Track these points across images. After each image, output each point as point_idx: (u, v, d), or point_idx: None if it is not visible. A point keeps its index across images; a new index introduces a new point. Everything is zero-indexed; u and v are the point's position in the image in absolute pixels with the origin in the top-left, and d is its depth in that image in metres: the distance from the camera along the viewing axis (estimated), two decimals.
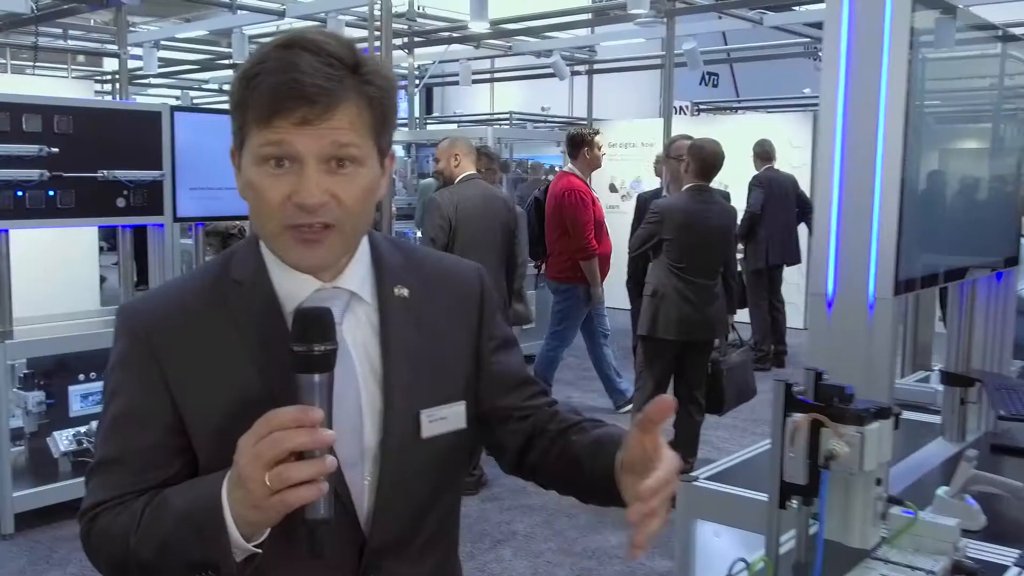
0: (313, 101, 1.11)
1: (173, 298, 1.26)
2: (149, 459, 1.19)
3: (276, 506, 1.04)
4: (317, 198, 1.12)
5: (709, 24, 10.28)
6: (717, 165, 4.88)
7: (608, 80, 14.49)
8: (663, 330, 4.99)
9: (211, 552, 1.09)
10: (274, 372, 1.16)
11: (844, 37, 1.92)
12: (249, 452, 1.04)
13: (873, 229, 1.93)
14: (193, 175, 5.17)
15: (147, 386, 1.19)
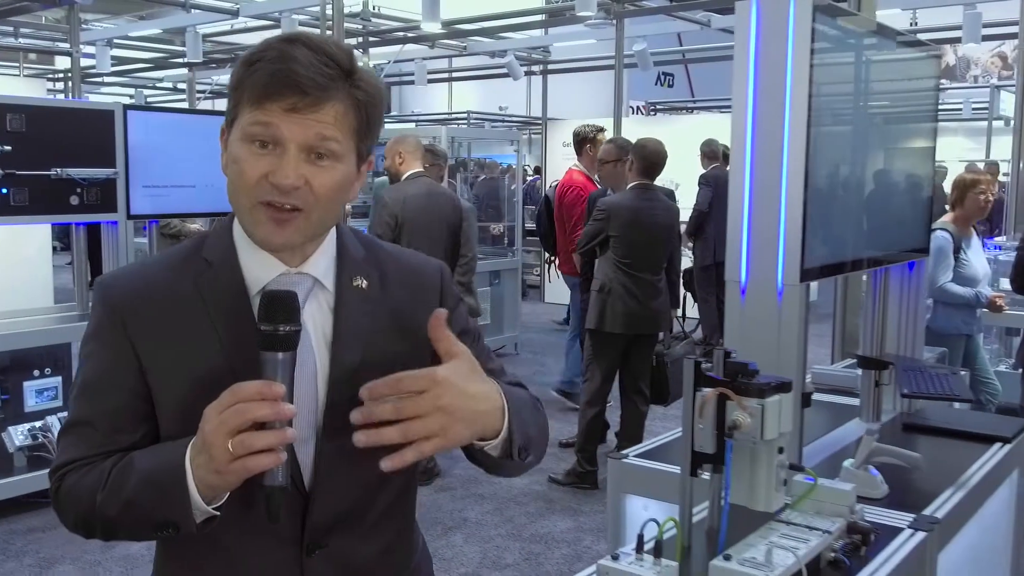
0: (304, 92, 1.18)
1: (146, 273, 1.33)
2: (116, 423, 1.26)
3: (237, 471, 1.11)
4: (292, 180, 1.20)
5: (661, 26, 10.49)
6: (660, 163, 5.04)
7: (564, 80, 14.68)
8: (610, 324, 5.14)
9: (172, 512, 1.17)
10: (236, 349, 1.24)
11: (752, 43, 2.08)
12: (214, 420, 1.11)
13: (780, 222, 2.09)
14: (146, 173, 5.22)
15: (117, 353, 1.26)
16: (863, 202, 2.52)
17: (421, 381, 1.17)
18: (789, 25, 2.03)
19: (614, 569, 1.65)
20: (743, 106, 2.11)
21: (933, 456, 2.57)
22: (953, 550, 2.25)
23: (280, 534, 1.29)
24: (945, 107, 18.28)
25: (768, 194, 2.10)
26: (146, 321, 1.27)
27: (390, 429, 1.15)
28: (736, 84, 2.12)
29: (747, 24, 2.08)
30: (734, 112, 2.13)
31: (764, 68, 2.08)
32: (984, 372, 5.07)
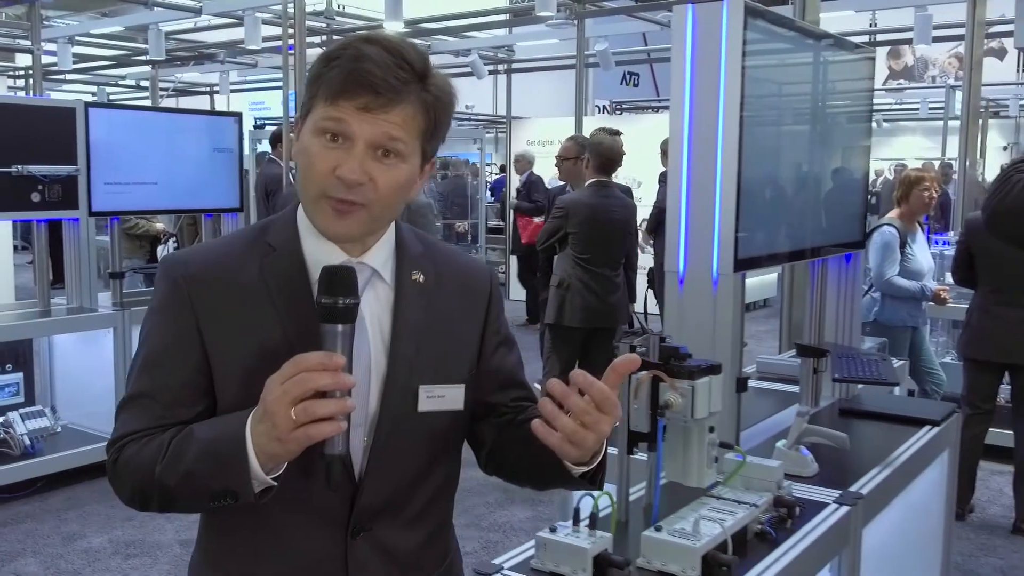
0: (377, 92, 1.22)
1: (212, 254, 1.36)
2: (177, 396, 1.29)
3: (299, 438, 1.14)
4: (357, 176, 1.23)
5: (625, 26, 10.62)
6: (617, 160, 5.16)
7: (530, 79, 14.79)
8: (569, 318, 5.25)
9: (232, 480, 1.19)
10: (295, 330, 1.28)
11: (688, 46, 2.20)
12: (277, 390, 1.14)
13: (715, 215, 2.21)
14: (108, 170, 5.25)
15: (181, 329, 1.30)
16: (798, 197, 2.64)
17: (610, 393, 1.21)
18: (722, 29, 2.15)
19: (551, 540, 1.75)
20: (680, 106, 2.22)
21: (864, 438, 2.71)
22: (879, 526, 2.38)
23: (328, 514, 1.33)
24: (903, 107, 18.65)
25: (703, 189, 2.22)
26: (211, 299, 1.30)
27: (567, 420, 1.18)
28: (674, 85, 2.23)
29: (683, 28, 2.20)
30: (672, 112, 2.24)
31: (700, 70, 2.20)
32: (929, 363, 5.24)
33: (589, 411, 1.20)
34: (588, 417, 1.20)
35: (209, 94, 16.22)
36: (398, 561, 1.38)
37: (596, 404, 1.20)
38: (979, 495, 4.84)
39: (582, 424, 1.20)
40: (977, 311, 4.52)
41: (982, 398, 4.59)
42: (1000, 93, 15.96)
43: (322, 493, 1.28)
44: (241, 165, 6.19)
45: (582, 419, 1.20)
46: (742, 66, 2.15)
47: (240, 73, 13.88)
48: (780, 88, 2.51)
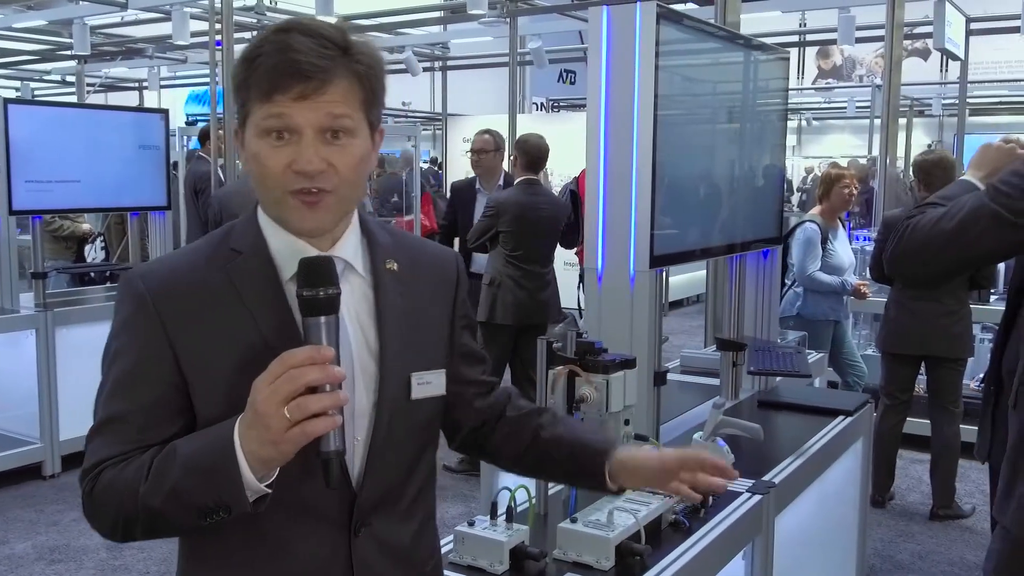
0: (308, 77, 1.20)
1: (175, 265, 1.32)
2: (153, 416, 1.24)
3: (295, 438, 1.11)
4: (316, 165, 1.21)
5: (561, 24, 10.67)
6: (543, 157, 5.22)
7: (466, 76, 14.78)
8: (501, 316, 5.28)
9: (224, 493, 1.15)
10: (274, 332, 1.25)
11: (604, 48, 2.24)
12: (266, 390, 1.11)
13: (631, 214, 2.26)
14: (29, 168, 5.14)
15: (152, 346, 1.25)
16: (715, 194, 2.71)
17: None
18: (636, 30, 2.19)
19: (469, 534, 1.78)
20: (596, 107, 2.27)
21: (780, 429, 2.79)
22: (794, 514, 2.46)
23: (328, 515, 1.30)
24: (832, 105, 19.08)
25: (620, 188, 2.26)
26: (180, 311, 1.26)
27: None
28: (590, 86, 2.27)
29: (599, 30, 2.24)
30: (588, 113, 2.28)
31: (615, 70, 2.24)
32: (851, 356, 5.39)
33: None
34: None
35: (138, 90, 15.88)
36: (397, 555, 1.37)
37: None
38: (898, 483, 5.00)
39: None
40: (894, 306, 4.67)
41: (900, 389, 4.74)
42: (924, 92, 16.43)
43: (320, 493, 1.24)
44: (168, 163, 6.09)
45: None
46: (655, 66, 2.20)
47: (170, 69, 13.61)
48: (694, 88, 2.57)
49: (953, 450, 4.63)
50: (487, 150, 5.74)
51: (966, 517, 4.65)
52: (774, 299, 3.17)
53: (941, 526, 4.59)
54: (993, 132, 16.17)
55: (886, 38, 6.78)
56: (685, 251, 2.52)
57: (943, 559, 4.23)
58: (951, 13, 7.84)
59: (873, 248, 4.85)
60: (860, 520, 3.20)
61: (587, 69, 2.28)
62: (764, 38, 3.03)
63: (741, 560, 2.17)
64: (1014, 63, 16.70)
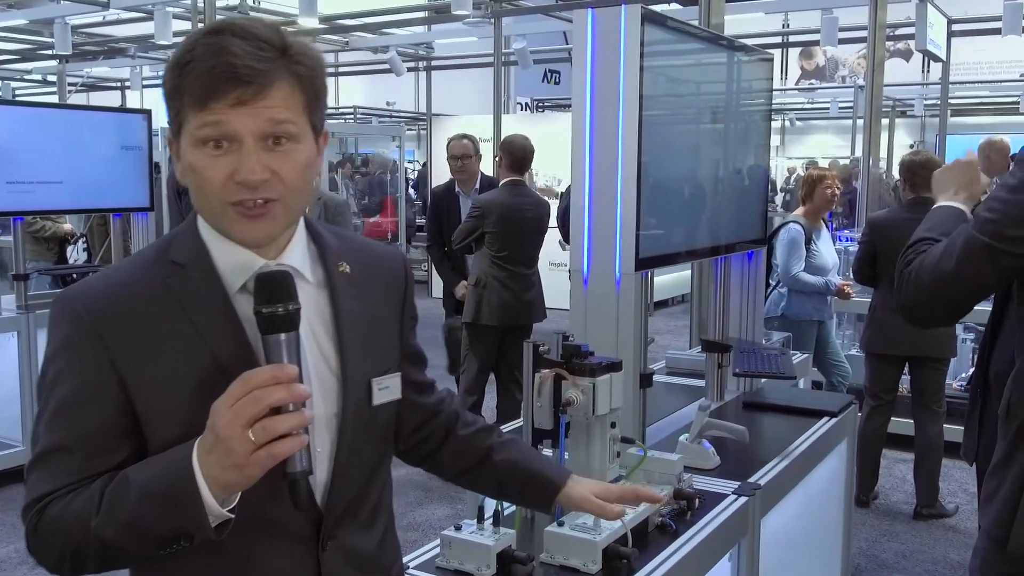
0: (247, 82, 1.13)
1: (112, 282, 1.24)
2: (99, 443, 1.17)
3: (260, 461, 1.07)
4: (259, 175, 1.15)
5: (545, 24, 10.68)
6: (528, 158, 5.22)
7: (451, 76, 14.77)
8: (486, 316, 5.28)
9: (185, 521, 1.10)
10: (224, 349, 1.19)
11: (589, 51, 2.24)
12: (227, 413, 1.07)
13: (617, 216, 2.26)
14: (10, 169, 5.09)
15: (95, 369, 1.18)
16: (699, 196, 2.71)
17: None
18: (621, 33, 2.19)
19: (456, 538, 1.77)
20: (581, 110, 2.26)
21: (765, 430, 2.80)
22: (779, 515, 2.46)
23: (294, 531, 1.26)
24: (815, 106, 19.17)
25: (605, 191, 2.26)
26: (122, 331, 1.19)
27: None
28: (575, 88, 2.27)
29: (584, 32, 2.23)
30: (573, 115, 2.28)
31: (600, 73, 2.24)
32: (835, 356, 5.42)
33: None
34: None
35: (120, 89, 15.79)
36: (363, 564, 1.34)
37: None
38: (882, 483, 5.03)
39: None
40: (879, 307, 4.69)
41: (884, 390, 4.77)
42: (906, 93, 16.54)
43: (286, 511, 1.20)
44: (151, 163, 6.05)
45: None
46: (640, 69, 2.20)
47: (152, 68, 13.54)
48: (679, 90, 2.58)
49: (937, 450, 4.65)
50: (469, 155, 5.74)
51: (949, 516, 4.68)
52: (759, 300, 3.18)
53: (925, 525, 4.62)
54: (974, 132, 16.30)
55: (869, 39, 6.83)
56: (671, 253, 2.52)
57: (927, 558, 4.25)
58: (933, 15, 7.90)
59: (858, 249, 4.87)
60: (845, 520, 3.21)
61: (572, 71, 2.28)
62: (747, 39, 3.04)
63: (727, 562, 2.17)
64: (995, 64, 16.83)
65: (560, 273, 8.41)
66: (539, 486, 1.57)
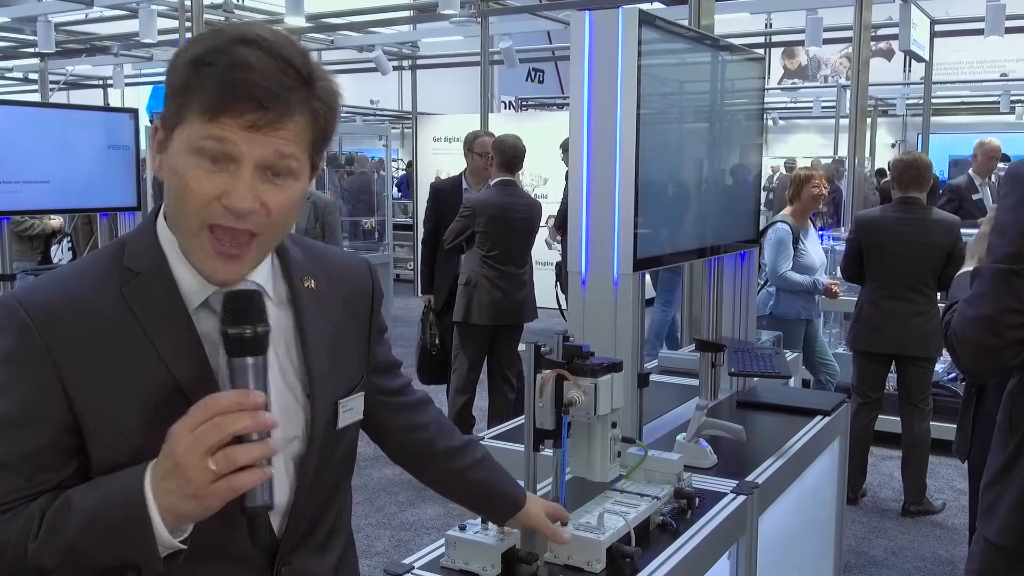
0: (266, 107, 1.07)
1: (62, 288, 1.15)
2: (41, 462, 1.10)
3: (220, 492, 1.01)
4: (249, 204, 1.09)
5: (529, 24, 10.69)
6: (520, 157, 5.22)
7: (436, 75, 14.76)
8: (476, 316, 5.28)
9: (133, 552, 1.04)
10: (181, 366, 1.13)
11: (586, 54, 2.25)
12: (186, 439, 1.00)
13: (615, 217, 2.27)
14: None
15: (40, 385, 1.10)
16: (694, 197, 2.73)
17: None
18: (618, 36, 2.21)
19: (460, 538, 1.78)
20: (579, 111, 2.28)
21: (760, 429, 2.82)
22: (775, 513, 2.48)
23: (248, 558, 1.21)
24: (797, 105, 19.28)
25: (603, 192, 2.28)
26: (71, 343, 1.10)
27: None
28: (572, 91, 2.28)
29: (581, 35, 2.25)
30: (571, 117, 2.30)
31: (597, 75, 2.25)
32: (823, 354, 5.46)
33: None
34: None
35: (102, 87, 15.68)
36: None
37: None
38: (870, 480, 5.07)
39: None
40: (866, 305, 4.73)
41: (871, 388, 4.81)
42: (888, 92, 16.66)
43: (239, 539, 1.14)
44: (138, 163, 6.02)
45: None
46: (638, 71, 2.21)
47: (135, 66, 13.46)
48: (675, 92, 2.59)
49: (924, 447, 4.70)
50: (489, 152, 5.70)
51: (937, 513, 4.73)
52: (751, 300, 3.20)
53: (913, 522, 4.66)
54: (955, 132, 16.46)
55: (854, 39, 6.87)
56: (668, 253, 2.54)
57: (915, 555, 4.30)
58: (916, 15, 7.97)
59: (845, 247, 4.91)
60: (837, 518, 3.25)
61: (569, 73, 2.29)
62: (730, 39, 3.06)
63: (726, 560, 2.19)
64: (975, 64, 16.99)
65: (548, 272, 8.42)
66: (502, 504, 1.68)
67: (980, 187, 7.00)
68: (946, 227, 4.56)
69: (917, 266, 4.55)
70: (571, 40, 2.27)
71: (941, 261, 4.53)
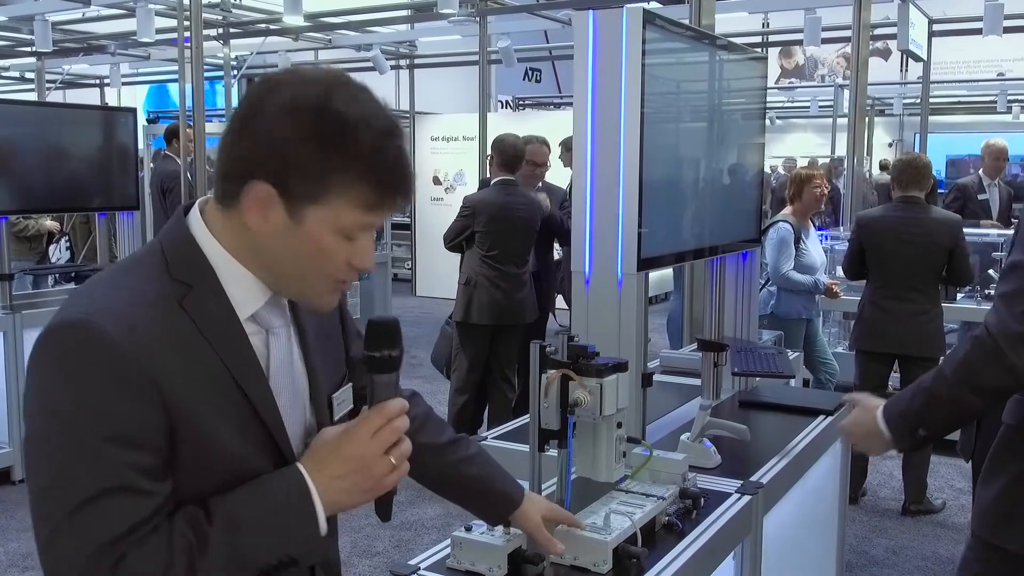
0: (408, 199, 1.24)
1: (132, 304, 1.14)
2: (156, 476, 1.11)
3: (393, 482, 1.21)
4: (371, 266, 1.24)
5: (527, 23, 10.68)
6: (520, 157, 5.22)
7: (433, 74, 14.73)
8: (476, 316, 5.28)
9: (300, 546, 1.16)
10: (246, 379, 1.19)
11: (590, 54, 2.25)
12: (365, 440, 1.18)
13: (619, 217, 2.27)
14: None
15: (143, 400, 1.10)
16: (697, 197, 2.73)
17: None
18: (622, 35, 2.20)
19: (466, 539, 1.78)
20: (583, 111, 2.27)
21: (763, 429, 2.82)
22: (779, 513, 2.48)
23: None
24: (794, 104, 19.28)
25: (607, 192, 2.28)
26: (161, 354, 1.12)
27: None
28: (576, 90, 2.28)
29: (585, 34, 2.24)
30: (575, 116, 2.29)
31: (601, 75, 2.25)
32: (823, 354, 5.46)
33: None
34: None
35: (99, 87, 15.65)
36: (331, 573, 1.40)
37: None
38: (870, 479, 5.07)
39: None
40: (868, 305, 4.73)
41: (874, 387, 4.79)
42: (885, 92, 16.67)
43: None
44: (136, 162, 6.01)
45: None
46: (642, 71, 2.21)
47: (132, 65, 13.43)
48: (679, 92, 2.59)
49: (926, 447, 4.70)
50: (548, 164, 5.77)
51: (937, 512, 4.73)
52: (753, 300, 3.20)
53: (913, 521, 4.67)
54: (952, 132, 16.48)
55: (852, 39, 6.87)
56: (671, 253, 2.54)
57: (916, 554, 4.30)
58: (914, 15, 7.97)
59: (847, 247, 4.91)
60: (839, 517, 3.24)
61: (571, 73, 2.29)
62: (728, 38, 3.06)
63: (731, 560, 2.19)
64: (972, 63, 17.00)
65: None
66: (496, 503, 1.69)
67: (988, 188, 7.01)
68: (947, 226, 4.56)
69: (918, 265, 4.55)
70: (574, 39, 2.26)
71: (942, 260, 4.54)
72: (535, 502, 1.72)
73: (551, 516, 1.73)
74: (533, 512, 1.70)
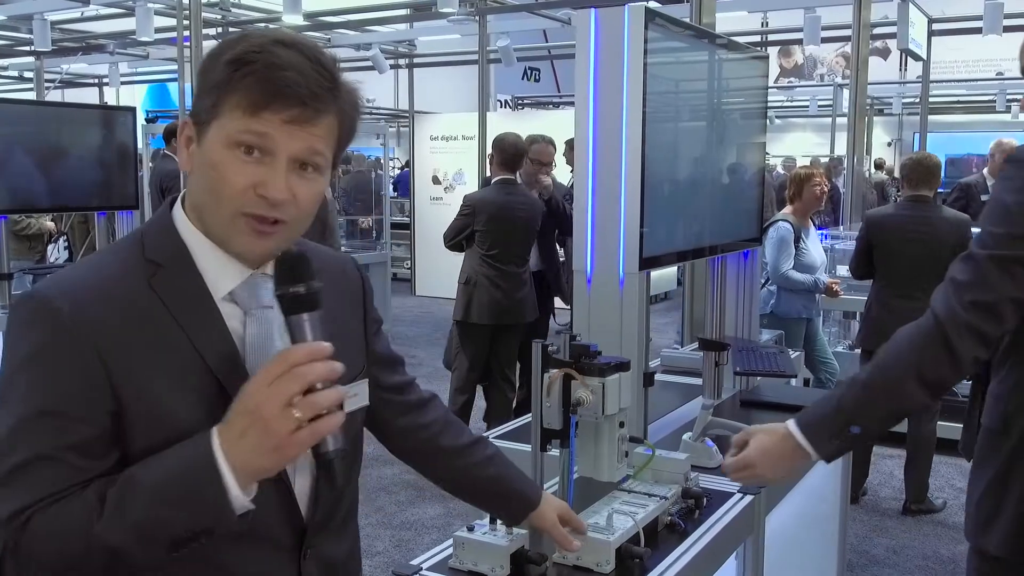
0: (305, 104, 1.14)
1: (92, 281, 1.17)
2: (89, 451, 1.11)
3: (303, 440, 1.07)
4: (284, 194, 1.15)
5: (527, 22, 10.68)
6: (520, 156, 5.21)
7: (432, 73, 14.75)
8: (476, 315, 5.27)
9: (207, 516, 1.07)
10: (215, 356, 1.18)
11: (592, 52, 2.24)
12: (263, 392, 1.06)
13: (620, 217, 2.26)
14: None
15: (83, 373, 1.11)
16: (699, 196, 2.72)
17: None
18: (624, 33, 2.19)
19: (469, 539, 1.77)
20: (585, 110, 2.27)
21: None
22: (781, 513, 2.48)
23: (278, 540, 1.25)
24: (794, 104, 19.28)
25: (609, 192, 2.27)
26: (107, 330, 1.13)
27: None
28: (578, 89, 2.27)
29: (587, 32, 2.24)
30: (577, 115, 2.29)
31: (603, 73, 2.24)
32: (823, 353, 5.45)
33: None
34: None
35: (98, 86, 15.65)
36: (334, 574, 1.35)
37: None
38: (871, 478, 5.07)
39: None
40: (875, 304, 4.71)
41: None
42: (884, 91, 16.68)
43: (270, 520, 1.20)
44: (136, 162, 6.00)
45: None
46: (644, 69, 2.20)
47: (131, 64, 13.42)
48: (680, 91, 2.58)
49: (929, 446, 4.69)
50: (553, 164, 5.76)
51: (938, 511, 4.73)
52: (754, 299, 3.19)
53: (914, 521, 4.66)
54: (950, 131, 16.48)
55: (852, 38, 6.87)
56: (672, 252, 2.53)
57: (917, 553, 4.29)
58: (914, 14, 7.97)
59: (855, 246, 4.88)
60: (841, 517, 3.24)
61: (573, 71, 2.28)
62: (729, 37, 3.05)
63: (733, 560, 2.18)
64: (971, 62, 17.00)
65: None
66: (515, 504, 1.68)
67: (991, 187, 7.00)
68: (955, 225, 4.55)
69: (926, 264, 4.53)
70: (576, 38, 2.25)
71: (950, 260, 4.51)
72: (550, 502, 1.71)
73: (565, 516, 1.72)
74: (550, 511, 1.69)
